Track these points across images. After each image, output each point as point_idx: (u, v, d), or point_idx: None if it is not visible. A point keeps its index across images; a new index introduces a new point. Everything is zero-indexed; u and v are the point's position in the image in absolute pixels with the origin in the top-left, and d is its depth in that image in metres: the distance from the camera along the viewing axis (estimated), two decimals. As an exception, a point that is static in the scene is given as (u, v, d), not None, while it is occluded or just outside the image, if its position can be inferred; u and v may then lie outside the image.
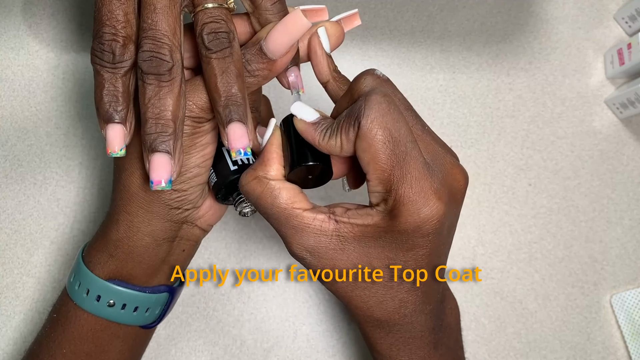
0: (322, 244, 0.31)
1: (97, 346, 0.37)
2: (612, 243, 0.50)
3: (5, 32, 0.50)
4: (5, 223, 0.47)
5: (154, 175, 0.29)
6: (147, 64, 0.29)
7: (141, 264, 0.36)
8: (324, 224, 0.31)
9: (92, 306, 0.35)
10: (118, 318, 0.36)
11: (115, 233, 0.35)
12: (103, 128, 0.30)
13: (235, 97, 0.30)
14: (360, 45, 0.51)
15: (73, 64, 0.50)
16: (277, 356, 0.47)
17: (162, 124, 0.29)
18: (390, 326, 0.33)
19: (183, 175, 0.33)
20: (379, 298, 0.32)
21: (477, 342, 0.48)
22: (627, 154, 0.51)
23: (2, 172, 0.48)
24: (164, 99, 0.29)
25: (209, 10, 0.30)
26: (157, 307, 0.38)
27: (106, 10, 0.29)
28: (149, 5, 0.29)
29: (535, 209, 0.50)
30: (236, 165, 0.36)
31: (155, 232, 0.35)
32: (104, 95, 0.29)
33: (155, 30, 0.29)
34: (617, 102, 0.50)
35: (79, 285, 0.36)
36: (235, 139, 0.30)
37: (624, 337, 0.48)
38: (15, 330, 0.46)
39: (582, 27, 0.53)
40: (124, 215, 0.35)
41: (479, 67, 0.52)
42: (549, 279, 0.49)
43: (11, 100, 0.49)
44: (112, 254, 0.35)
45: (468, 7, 0.53)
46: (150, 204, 0.34)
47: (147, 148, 0.29)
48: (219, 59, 0.30)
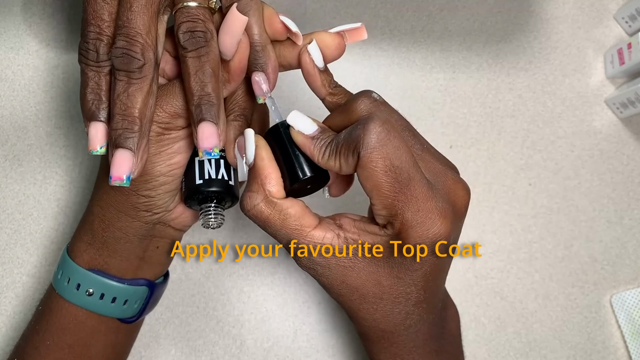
0: (332, 261, 0.31)
1: (79, 339, 0.37)
2: (612, 243, 0.50)
3: (5, 32, 0.50)
4: (5, 223, 0.47)
5: (114, 170, 0.29)
6: (119, 61, 0.29)
7: (116, 256, 0.36)
8: (333, 242, 0.31)
9: (72, 295, 0.36)
10: (97, 308, 0.36)
11: (90, 224, 0.36)
12: (86, 126, 0.30)
13: (209, 96, 0.30)
14: (361, 45, 0.51)
15: (73, 64, 0.50)
16: (277, 356, 0.47)
17: (129, 121, 0.29)
18: (394, 337, 0.33)
19: (148, 183, 0.33)
20: (386, 312, 0.32)
21: (477, 342, 0.48)
22: (627, 154, 0.51)
23: (2, 172, 0.48)
24: (132, 96, 0.29)
25: (187, 9, 0.30)
26: (135, 301, 0.38)
27: (91, 9, 0.29)
28: (125, 3, 0.29)
29: (535, 209, 0.50)
30: (202, 179, 0.35)
31: (125, 228, 0.35)
32: (87, 93, 0.30)
33: (128, 27, 0.29)
34: (617, 101, 0.50)
35: (61, 274, 0.36)
36: (204, 138, 0.30)
37: (624, 337, 0.48)
38: (15, 330, 0.46)
39: (582, 27, 0.53)
40: (98, 209, 0.36)
41: (479, 67, 0.52)
42: (549, 279, 0.49)
43: (11, 100, 0.49)
44: (89, 242, 0.36)
45: (468, 7, 0.53)
46: (120, 203, 0.35)
47: (112, 143, 0.29)
48: (193, 58, 0.30)
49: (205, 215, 0.35)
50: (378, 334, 0.33)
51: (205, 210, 0.35)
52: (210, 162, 0.35)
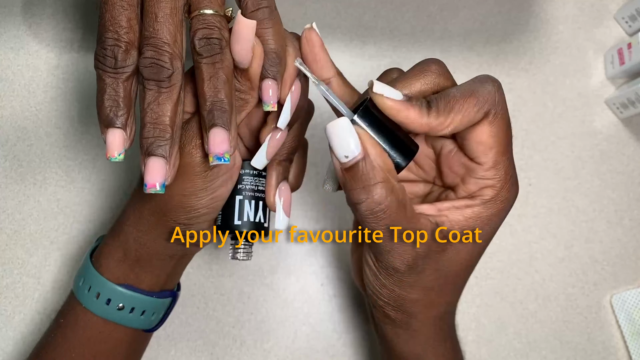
0: (422, 249, 0.31)
1: (104, 349, 0.38)
2: (612, 243, 0.50)
3: (5, 32, 0.50)
4: (5, 223, 0.47)
5: (149, 178, 0.30)
6: (148, 70, 0.29)
7: (148, 272, 0.37)
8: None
9: (101, 309, 0.36)
10: (126, 321, 0.37)
11: (125, 242, 0.36)
12: (103, 132, 0.30)
13: (221, 102, 0.30)
14: (361, 46, 0.51)
15: (73, 64, 0.50)
16: (277, 356, 0.47)
17: (160, 129, 0.29)
18: (439, 322, 0.35)
19: (190, 214, 0.34)
20: (445, 296, 0.34)
21: (477, 342, 0.48)
22: (627, 154, 0.51)
23: (2, 172, 0.48)
24: (162, 104, 0.29)
25: (204, 17, 0.30)
26: (161, 312, 0.39)
27: (109, 16, 0.29)
28: (150, 14, 0.29)
29: (535, 209, 0.50)
30: (240, 220, 0.36)
31: (161, 250, 0.36)
32: (105, 100, 0.30)
33: (156, 38, 0.29)
34: (617, 102, 0.50)
35: (88, 289, 0.37)
36: (215, 144, 0.30)
37: (624, 337, 0.48)
38: (15, 330, 0.46)
39: (582, 27, 0.53)
40: (134, 231, 0.36)
41: (479, 67, 0.52)
42: (549, 279, 0.49)
43: (11, 100, 0.49)
44: (121, 259, 0.37)
45: (468, 7, 0.53)
46: (159, 229, 0.35)
47: (144, 152, 0.30)
48: (208, 64, 0.30)
49: (235, 251, 0.37)
50: (421, 318, 0.34)
51: (238, 249, 0.37)
52: (250, 203, 0.36)
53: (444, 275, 0.32)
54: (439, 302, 0.34)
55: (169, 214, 0.34)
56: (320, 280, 0.48)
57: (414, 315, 0.34)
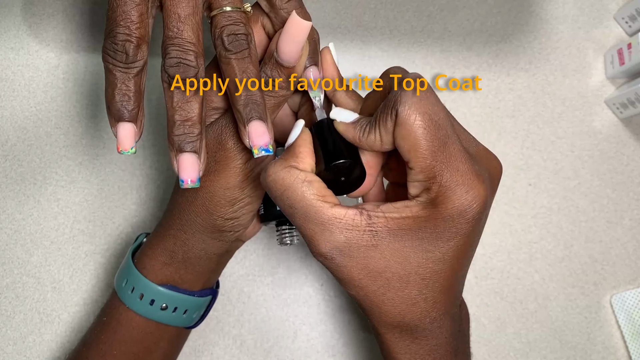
0: (353, 241, 0.29)
1: (146, 347, 0.39)
2: (612, 243, 0.50)
3: (5, 32, 0.50)
4: (5, 223, 0.47)
5: (184, 174, 0.30)
6: (174, 70, 0.30)
7: (193, 272, 0.38)
8: (356, 218, 0.29)
9: (145, 309, 0.37)
10: (168, 320, 0.38)
11: (171, 246, 0.37)
12: (114, 126, 0.31)
13: (255, 95, 0.31)
14: (361, 46, 0.51)
15: (73, 64, 0.50)
16: (277, 356, 0.47)
17: (189, 125, 0.30)
18: (418, 332, 0.31)
19: (235, 205, 0.35)
20: (412, 300, 0.30)
21: (477, 342, 0.48)
22: (627, 154, 0.51)
23: (2, 172, 0.48)
24: (191, 102, 0.30)
25: (228, 13, 0.31)
26: (202, 309, 0.40)
27: (121, 10, 0.29)
28: (173, 14, 0.30)
29: (535, 209, 0.50)
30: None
31: (208, 248, 0.37)
32: (115, 94, 0.30)
33: (181, 38, 0.30)
34: (617, 102, 0.50)
35: (132, 290, 0.37)
36: (257, 136, 0.31)
37: (624, 337, 0.48)
38: (15, 330, 0.46)
39: (582, 27, 0.53)
40: (181, 234, 0.37)
41: (479, 67, 0.52)
42: (549, 279, 0.49)
43: (11, 100, 0.49)
44: (167, 262, 0.37)
45: (468, 7, 0.53)
46: (206, 227, 0.36)
47: (176, 149, 0.31)
48: (238, 60, 0.31)
49: (282, 234, 0.39)
50: (401, 328, 0.31)
51: (281, 231, 0.40)
52: None
53: (386, 278, 0.30)
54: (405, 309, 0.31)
55: (215, 211, 0.35)
56: (320, 280, 0.48)
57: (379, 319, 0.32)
